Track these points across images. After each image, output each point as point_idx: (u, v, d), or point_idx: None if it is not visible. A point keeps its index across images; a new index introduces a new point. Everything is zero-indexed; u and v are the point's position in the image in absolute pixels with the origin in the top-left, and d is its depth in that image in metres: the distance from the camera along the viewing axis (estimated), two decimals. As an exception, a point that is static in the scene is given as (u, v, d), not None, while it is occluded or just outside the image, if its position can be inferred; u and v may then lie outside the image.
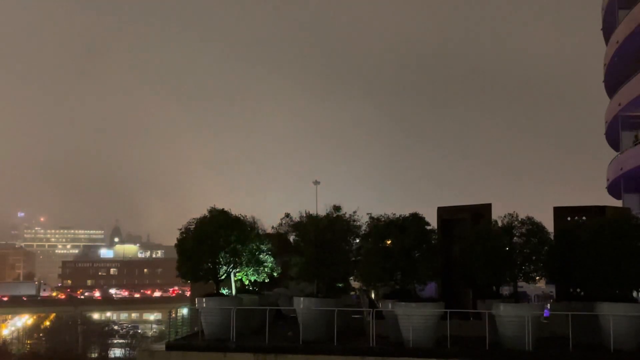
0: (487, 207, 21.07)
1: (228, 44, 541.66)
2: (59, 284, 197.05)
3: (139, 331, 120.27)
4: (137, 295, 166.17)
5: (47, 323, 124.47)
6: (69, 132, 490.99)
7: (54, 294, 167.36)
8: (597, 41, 49.98)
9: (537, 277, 19.09)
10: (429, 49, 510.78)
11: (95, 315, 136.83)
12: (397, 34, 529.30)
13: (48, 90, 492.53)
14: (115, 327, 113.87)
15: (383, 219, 19.31)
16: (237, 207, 21.36)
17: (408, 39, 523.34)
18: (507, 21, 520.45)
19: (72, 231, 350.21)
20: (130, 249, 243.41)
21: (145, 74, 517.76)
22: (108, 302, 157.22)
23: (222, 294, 20.54)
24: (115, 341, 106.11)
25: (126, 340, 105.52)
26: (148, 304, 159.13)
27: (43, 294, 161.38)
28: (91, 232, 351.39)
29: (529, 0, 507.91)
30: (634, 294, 18.83)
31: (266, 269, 20.97)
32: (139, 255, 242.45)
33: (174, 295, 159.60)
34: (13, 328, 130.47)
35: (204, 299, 19.83)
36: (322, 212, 20.63)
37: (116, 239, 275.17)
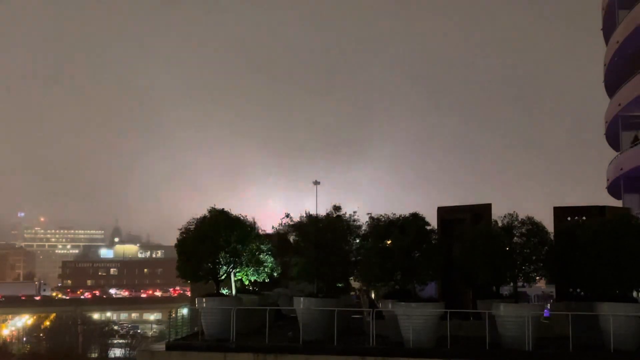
0: (487, 207, 21.06)
1: (228, 40, 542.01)
2: (59, 284, 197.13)
3: (139, 331, 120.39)
4: (143, 295, 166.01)
5: (47, 323, 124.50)
6: (69, 132, 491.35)
7: (54, 294, 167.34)
8: (597, 41, 50.03)
9: (537, 277, 19.09)
10: (431, 51, 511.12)
11: (95, 315, 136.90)
12: (400, 36, 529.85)
13: (47, 90, 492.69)
14: (115, 327, 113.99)
15: (383, 219, 19.31)
16: (237, 207, 21.42)
17: (411, 40, 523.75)
18: (506, 21, 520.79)
19: (72, 231, 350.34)
20: (130, 249, 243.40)
21: (146, 73, 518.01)
22: (108, 302, 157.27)
23: (222, 294, 20.55)
24: (115, 341, 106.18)
25: (126, 340, 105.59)
26: (148, 304, 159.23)
27: (43, 294, 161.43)
28: (91, 232, 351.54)
29: (530, 0, 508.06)
30: (634, 294, 18.82)
31: (266, 269, 20.96)
32: (139, 255, 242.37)
33: (176, 295, 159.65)
34: (13, 328, 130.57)
35: (204, 299, 19.83)
36: (322, 212, 20.68)
37: (116, 239, 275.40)
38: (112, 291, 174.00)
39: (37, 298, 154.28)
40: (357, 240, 20.40)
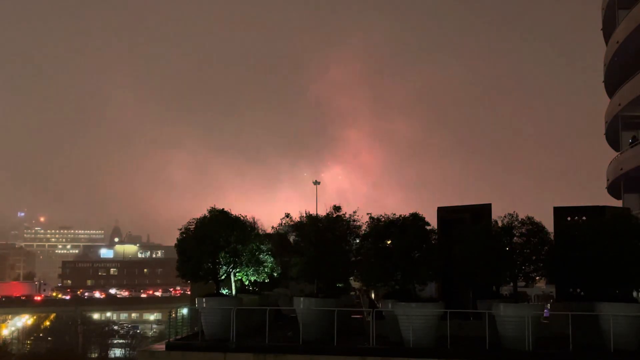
0: (487, 207, 21.03)
1: (222, 34, 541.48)
2: (59, 284, 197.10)
3: (139, 331, 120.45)
4: (143, 296, 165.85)
5: (47, 323, 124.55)
6: (69, 132, 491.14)
7: (54, 294, 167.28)
8: (597, 41, 50.05)
9: (537, 277, 19.07)
10: (442, 54, 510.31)
11: (95, 315, 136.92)
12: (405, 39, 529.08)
13: (46, 90, 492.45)
14: (115, 327, 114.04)
15: (383, 219, 19.28)
16: (237, 207, 21.40)
17: (415, 41, 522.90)
18: (505, 21, 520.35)
19: (72, 231, 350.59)
20: (130, 249, 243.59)
21: (145, 72, 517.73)
22: (108, 302, 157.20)
23: (222, 294, 20.53)
24: (115, 341, 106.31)
25: (126, 340, 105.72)
26: (148, 304, 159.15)
27: (43, 294, 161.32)
28: (91, 232, 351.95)
29: (530, 0, 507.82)
30: (634, 294, 18.81)
31: (266, 269, 20.93)
32: (139, 255, 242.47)
33: (177, 295, 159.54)
34: (13, 328, 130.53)
35: (204, 299, 19.82)
36: (322, 212, 20.66)
37: (116, 239, 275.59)
38: (112, 291, 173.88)
39: (38, 298, 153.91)
40: (357, 241, 20.38)
